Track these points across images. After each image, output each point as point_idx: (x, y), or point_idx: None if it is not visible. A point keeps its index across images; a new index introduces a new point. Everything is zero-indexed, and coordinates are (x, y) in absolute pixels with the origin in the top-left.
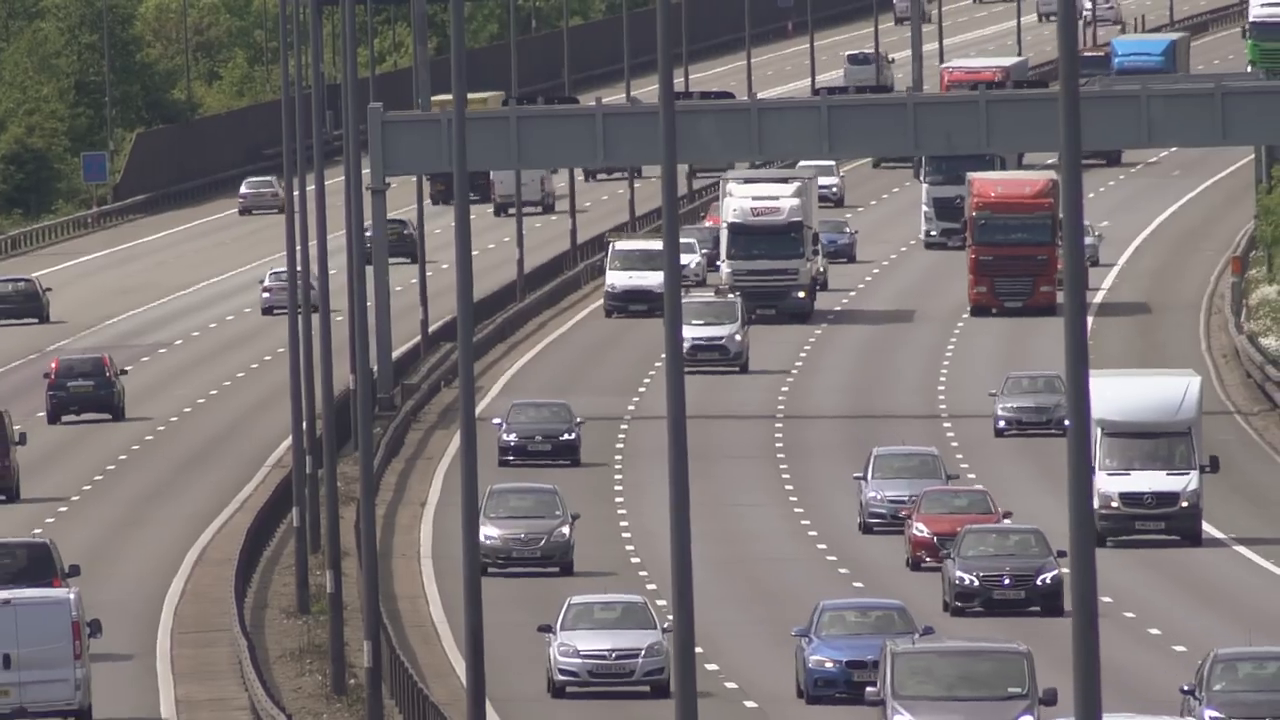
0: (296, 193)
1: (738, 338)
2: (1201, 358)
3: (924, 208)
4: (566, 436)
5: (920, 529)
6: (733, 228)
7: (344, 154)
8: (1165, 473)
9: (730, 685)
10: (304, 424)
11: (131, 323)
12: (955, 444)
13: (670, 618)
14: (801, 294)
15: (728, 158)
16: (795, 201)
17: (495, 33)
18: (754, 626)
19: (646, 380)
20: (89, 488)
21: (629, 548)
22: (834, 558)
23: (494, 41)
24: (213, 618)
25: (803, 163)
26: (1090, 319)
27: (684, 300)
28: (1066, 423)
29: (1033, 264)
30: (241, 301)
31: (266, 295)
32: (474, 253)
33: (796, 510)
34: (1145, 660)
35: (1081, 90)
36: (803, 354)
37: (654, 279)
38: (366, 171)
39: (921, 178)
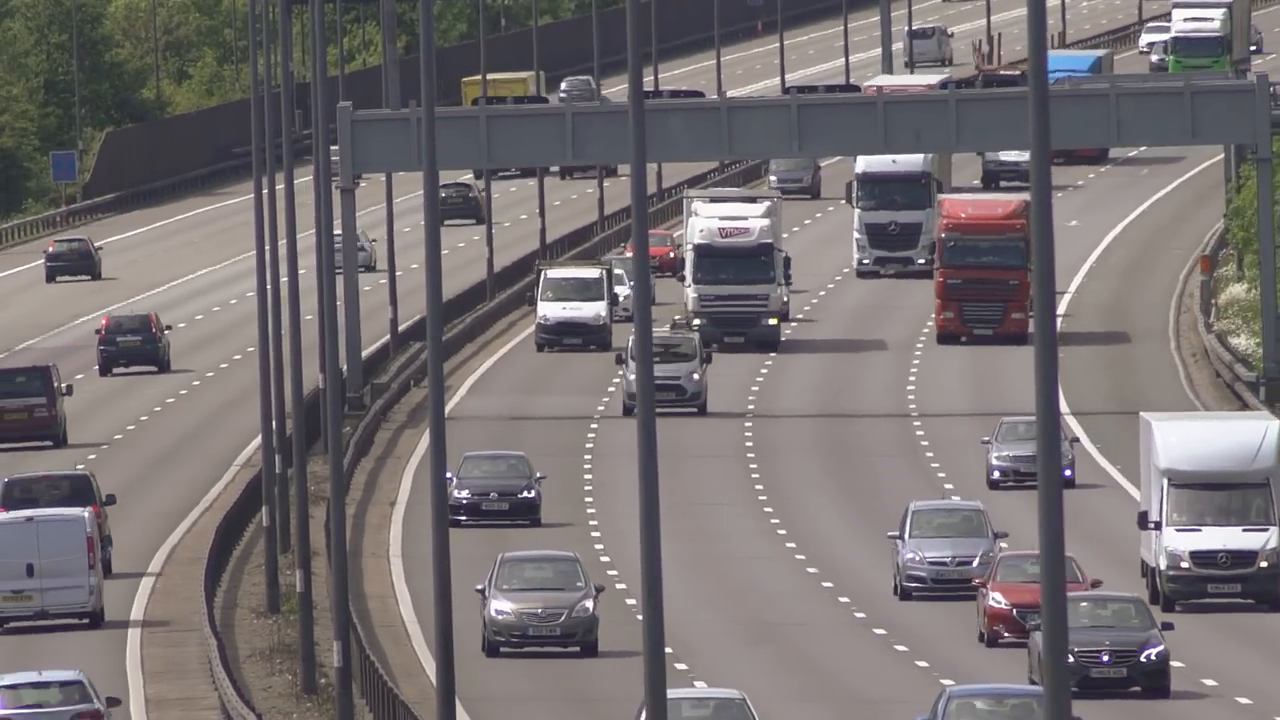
0: (265, 191)
1: (695, 376)
2: (1170, 357)
3: (856, 235)
4: (525, 494)
5: (997, 600)
6: (699, 249)
7: (313, 153)
8: (1241, 529)
9: (700, 684)
10: (273, 423)
11: (100, 321)
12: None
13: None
14: (772, 321)
15: (697, 157)
16: (765, 222)
17: (465, 31)
18: (725, 626)
19: (616, 379)
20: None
21: (598, 547)
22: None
23: (463, 40)
24: (182, 617)
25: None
26: (1059, 318)
27: (631, 338)
28: (1067, 473)
29: (1004, 289)
30: (210, 301)
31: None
32: (444, 252)
33: (766, 509)
34: None
35: (1051, 89)
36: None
37: (589, 310)
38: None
39: (853, 203)
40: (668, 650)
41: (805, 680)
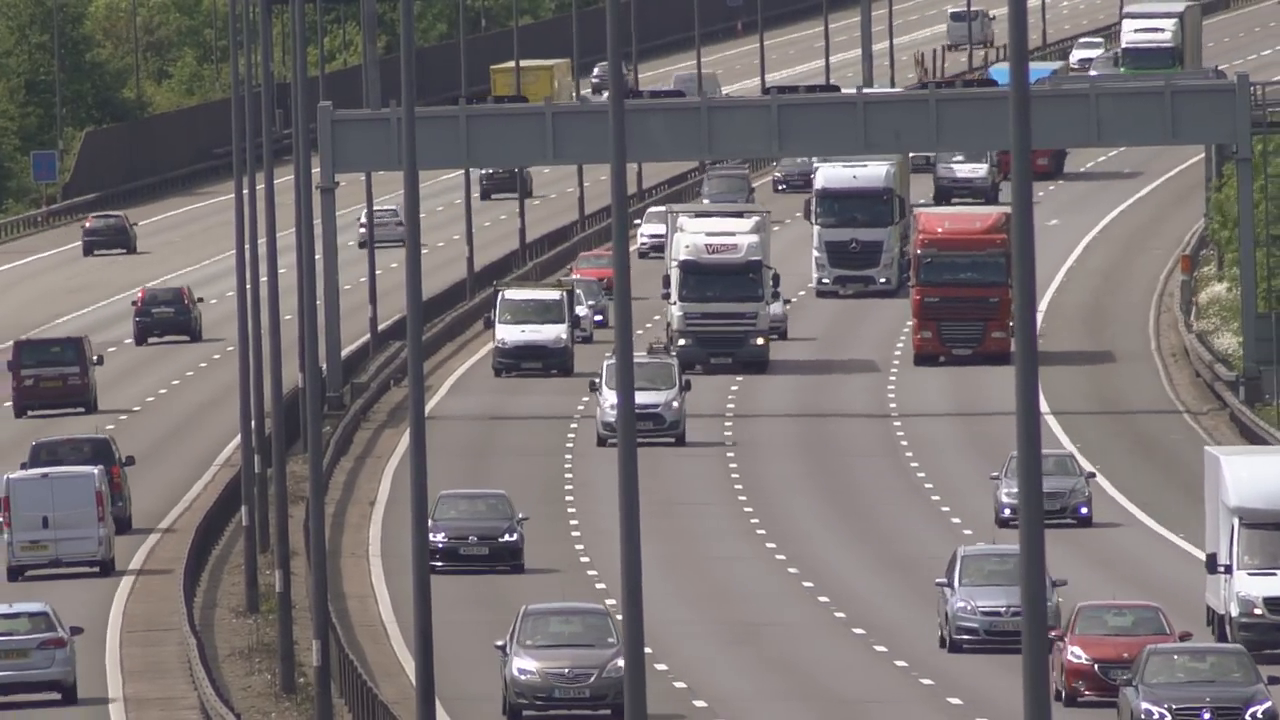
0: (246, 191)
1: (675, 404)
2: (1151, 357)
3: (815, 253)
4: (507, 538)
5: (1076, 654)
6: (684, 266)
7: (294, 153)
8: None
9: (680, 685)
10: (253, 423)
11: (80, 321)
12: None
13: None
14: (760, 341)
15: (677, 157)
16: (753, 239)
17: (444, 32)
18: (704, 626)
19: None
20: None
21: (578, 546)
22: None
23: (443, 40)
24: (162, 616)
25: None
26: (1039, 317)
27: (609, 362)
28: (1083, 511)
29: (984, 307)
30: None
31: (362, 230)
32: (423, 252)
33: (746, 509)
34: None
35: (1032, 89)
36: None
37: (549, 333)
38: (316, 170)
39: (813, 219)
40: (647, 651)
41: (785, 680)
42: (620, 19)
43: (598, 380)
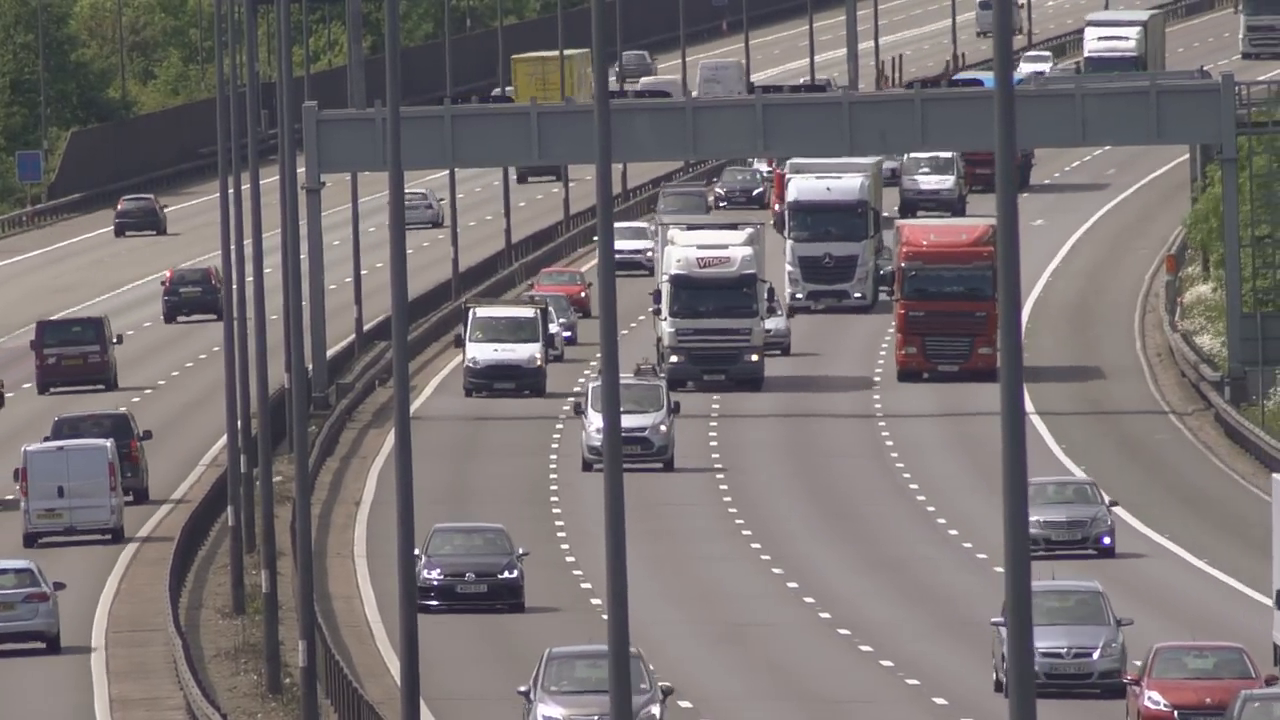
0: (231, 191)
1: (663, 428)
2: (1136, 357)
3: (788, 267)
4: (506, 574)
5: (1154, 700)
6: (676, 280)
7: (279, 153)
8: None
9: (665, 684)
10: (239, 423)
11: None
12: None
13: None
14: (754, 357)
15: (663, 157)
16: (747, 251)
17: (430, 31)
18: (689, 626)
19: (580, 379)
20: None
21: (564, 547)
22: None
23: (429, 40)
24: (147, 617)
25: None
26: (1024, 317)
27: (593, 384)
28: (1105, 541)
29: (970, 322)
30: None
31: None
32: (408, 251)
33: (731, 510)
34: None
35: (1017, 89)
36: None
37: (523, 352)
38: (301, 170)
39: (786, 233)
40: (632, 651)
41: (770, 680)
42: (605, 19)
43: (582, 402)
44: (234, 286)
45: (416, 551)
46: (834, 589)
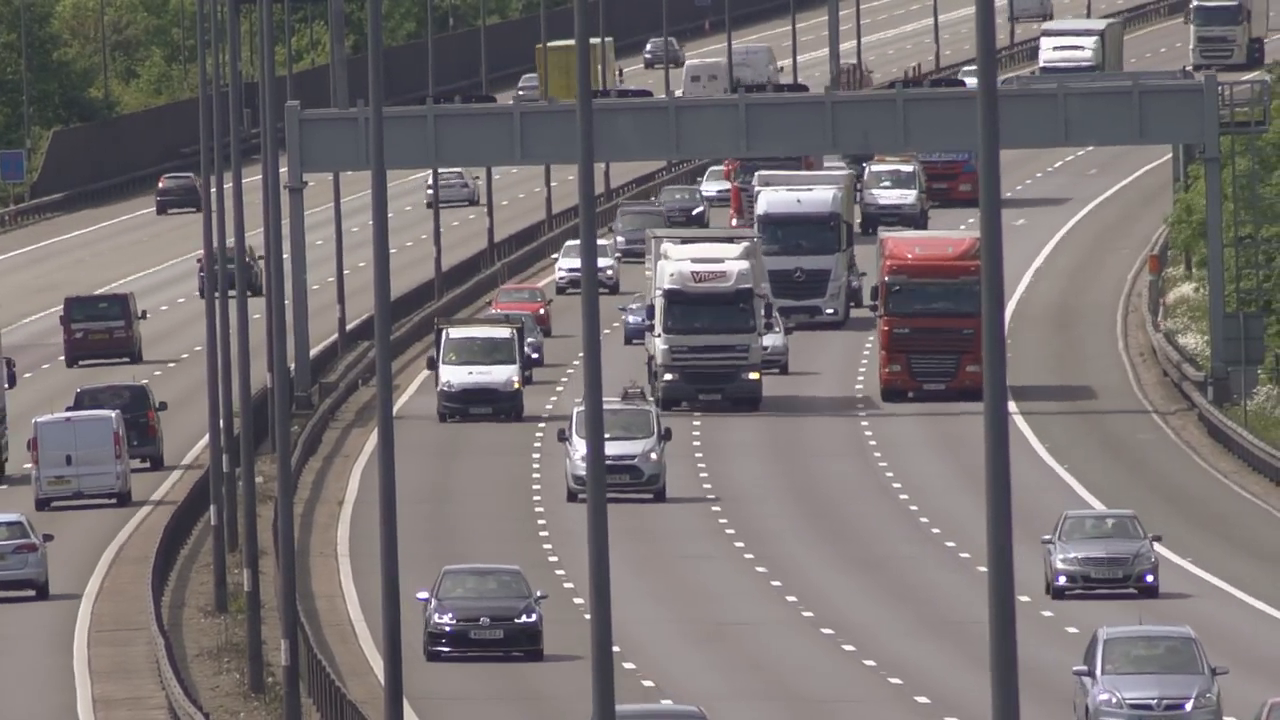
0: (214, 190)
1: (653, 456)
2: (1119, 357)
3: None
4: (524, 619)
5: None
6: (669, 295)
7: (262, 152)
8: None
9: (648, 684)
10: (221, 422)
11: (48, 321)
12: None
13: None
14: (752, 375)
15: (646, 156)
16: (744, 265)
17: (413, 31)
18: (673, 625)
19: (564, 379)
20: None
21: (546, 546)
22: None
23: (411, 40)
24: (130, 616)
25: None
26: (1006, 318)
27: (578, 409)
28: (1149, 579)
29: (957, 339)
30: (159, 299)
31: (429, 192)
32: (391, 251)
33: (714, 509)
34: None
35: (1000, 89)
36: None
37: (499, 374)
38: (284, 170)
39: None
40: (615, 649)
41: (752, 679)
42: (588, 19)
43: (566, 429)
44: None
45: (425, 595)
46: (817, 588)
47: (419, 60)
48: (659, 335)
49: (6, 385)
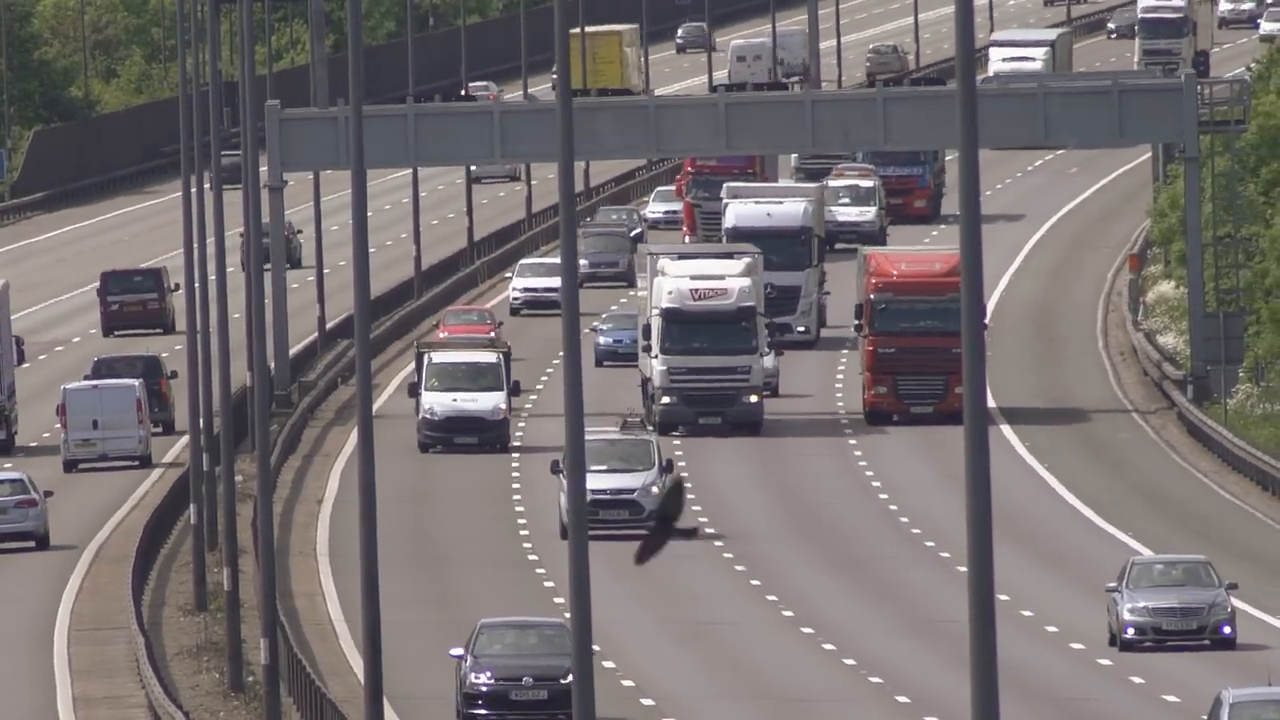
0: (194, 190)
1: (654, 490)
2: (1099, 356)
3: None
4: (570, 679)
5: None
6: (668, 314)
7: (242, 151)
8: None
9: (627, 684)
10: (201, 421)
11: (30, 320)
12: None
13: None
14: (754, 398)
15: (626, 155)
16: (745, 282)
17: (393, 30)
18: (654, 625)
19: (544, 378)
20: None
21: (526, 545)
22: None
23: (391, 39)
24: (110, 615)
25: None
26: (987, 318)
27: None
28: (1226, 630)
29: (946, 359)
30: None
31: (474, 169)
32: (371, 250)
33: (695, 508)
34: None
35: (979, 88)
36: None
37: (486, 402)
38: (265, 169)
39: None
40: (595, 648)
41: (732, 678)
42: (568, 18)
43: (560, 460)
44: (195, 285)
45: (460, 651)
46: (797, 587)
47: (399, 59)
48: (656, 356)
49: (16, 362)
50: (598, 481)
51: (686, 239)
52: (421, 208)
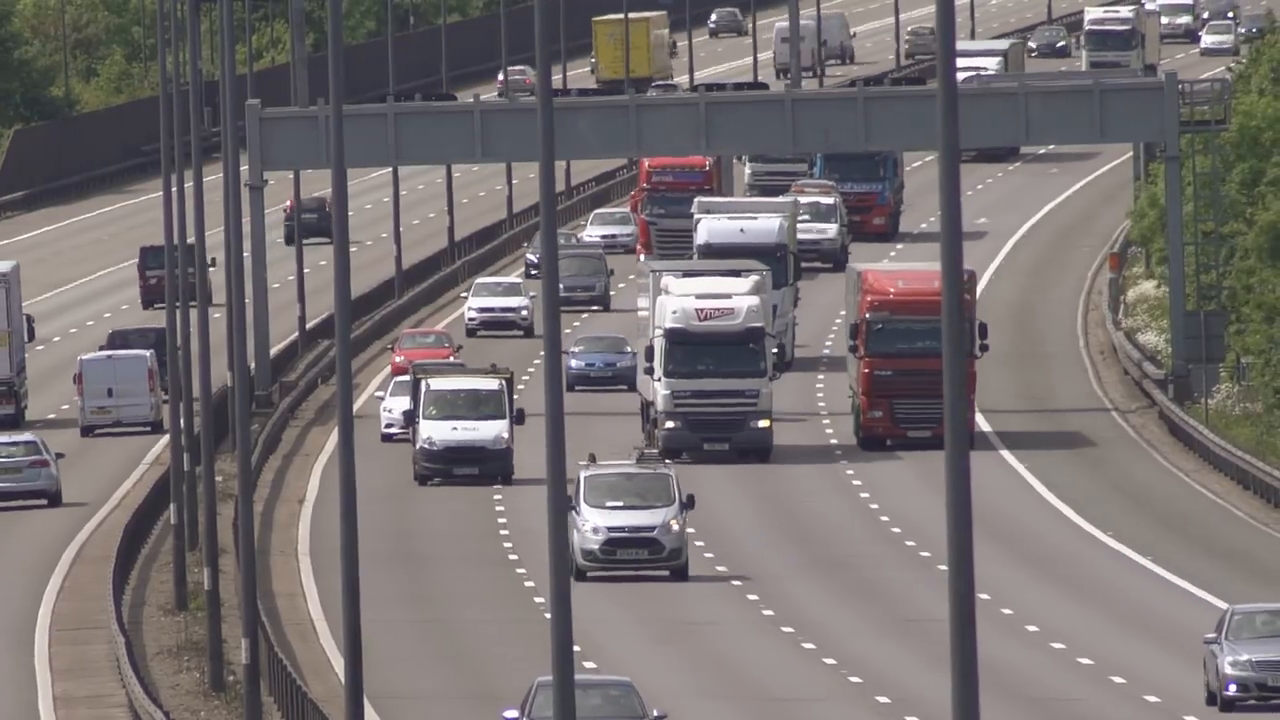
0: (175, 189)
1: (674, 527)
2: (1079, 355)
3: None
4: None
5: None
6: (671, 335)
7: (222, 151)
8: None
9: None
10: (182, 421)
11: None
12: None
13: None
14: (763, 423)
15: (606, 155)
16: (753, 301)
17: (373, 29)
18: (634, 624)
19: (525, 377)
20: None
21: (507, 545)
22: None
23: (372, 38)
24: (90, 615)
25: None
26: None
27: (585, 473)
28: None
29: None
30: (120, 298)
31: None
32: (351, 249)
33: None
34: None
35: (960, 87)
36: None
37: (487, 430)
38: (245, 168)
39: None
40: (575, 648)
41: (712, 678)
42: (549, 17)
43: (572, 496)
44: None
45: (515, 713)
46: (777, 587)
47: (379, 59)
48: (659, 379)
49: (28, 339)
50: (614, 519)
51: (641, 258)
52: (402, 207)
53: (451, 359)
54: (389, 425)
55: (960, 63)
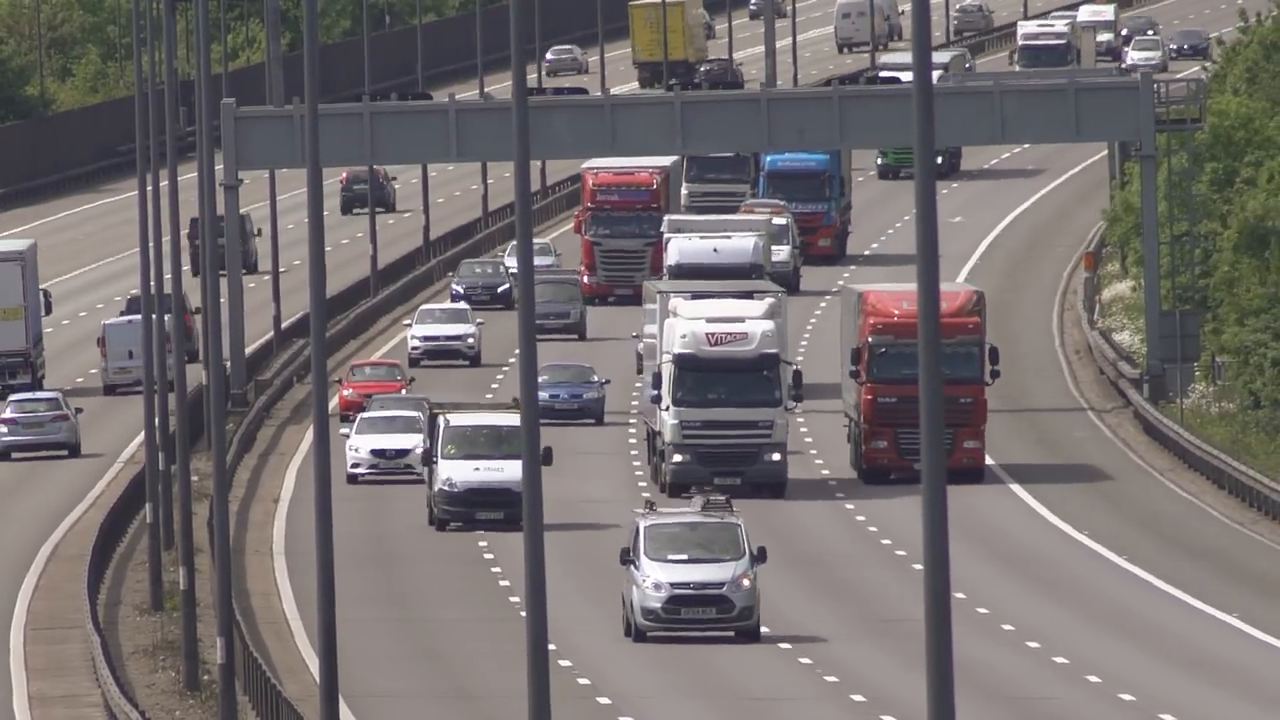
0: (150, 188)
1: (745, 583)
2: (1055, 354)
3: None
4: None
5: None
6: (680, 361)
7: (197, 150)
8: None
9: (584, 682)
10: (157, 420)
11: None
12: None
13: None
14: (776, 456)
15: (581, 154)
16: (768, 325)
17: (348, 28)
18: (608, 623)
19: (499, 376)
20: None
21: (482, 544)
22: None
23: (347, 37)
24: (66, 614)
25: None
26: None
27: (644, 523)
28: None
29: (954, 409)
30: (94, 298)
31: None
32: (326, 249)
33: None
34: None
35: (936, 86)
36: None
37: (512, 471)
38: (220, 167)
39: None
40: (551, 647)
41: (688, 677)
42: (524, 17)
43: (629, 549)
44: (150, 285)
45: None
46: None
47: (355, 58)
48: (667, 408)
49: (45, 313)
50: (678, 573)
51: (585, 279)
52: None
53: (404, 392)
54: (355, 465)
55: (906, 74)
